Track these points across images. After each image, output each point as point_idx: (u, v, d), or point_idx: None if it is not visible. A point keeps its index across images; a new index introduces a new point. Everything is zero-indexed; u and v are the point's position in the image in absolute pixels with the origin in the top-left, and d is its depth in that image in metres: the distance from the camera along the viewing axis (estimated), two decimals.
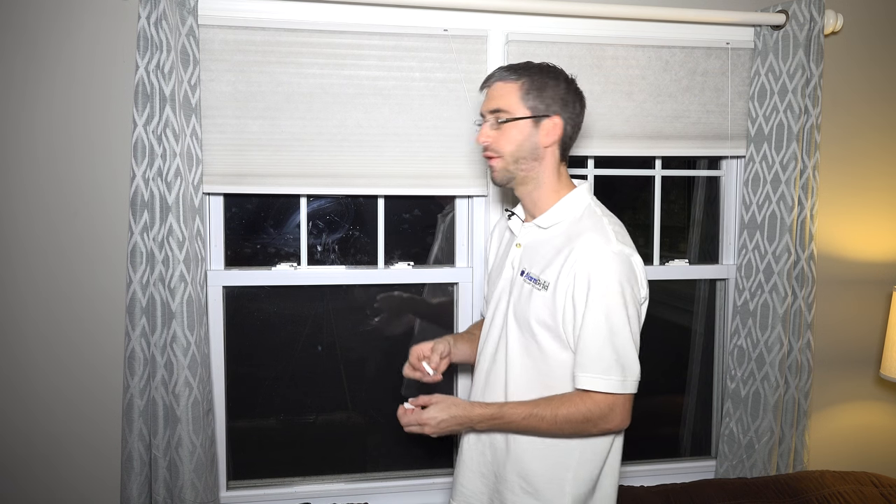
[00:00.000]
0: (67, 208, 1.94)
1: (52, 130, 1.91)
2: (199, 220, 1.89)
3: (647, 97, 2.15)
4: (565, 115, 1.48)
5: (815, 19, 2.09)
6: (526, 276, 1.50)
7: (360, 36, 1.99)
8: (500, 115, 1.48)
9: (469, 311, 2.21)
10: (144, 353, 1.89)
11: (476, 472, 1.60)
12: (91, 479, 2.02)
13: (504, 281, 1.58)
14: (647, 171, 2.34)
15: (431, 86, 2.04)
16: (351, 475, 2.26)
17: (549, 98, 1.47)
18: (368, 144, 2.02)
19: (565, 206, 1.51)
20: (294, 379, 2.25)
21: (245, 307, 2.19)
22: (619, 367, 1.39)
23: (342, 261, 2.25)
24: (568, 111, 1.49)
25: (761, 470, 2.21)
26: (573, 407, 1.40)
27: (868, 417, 2.47)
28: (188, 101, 1.85)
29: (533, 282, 1.48)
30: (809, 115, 2.15)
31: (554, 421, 1.41)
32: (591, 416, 1.40)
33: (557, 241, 1.48)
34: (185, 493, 1.89)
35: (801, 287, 2.21)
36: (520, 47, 2.06)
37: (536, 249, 1.52)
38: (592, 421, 1.41)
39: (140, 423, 1.90)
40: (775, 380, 2.17)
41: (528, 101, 1.47)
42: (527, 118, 1.47)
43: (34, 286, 1.94)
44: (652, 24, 2.14)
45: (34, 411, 1.98)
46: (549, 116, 1.47)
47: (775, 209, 2.15)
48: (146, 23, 1.80)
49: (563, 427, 1.42)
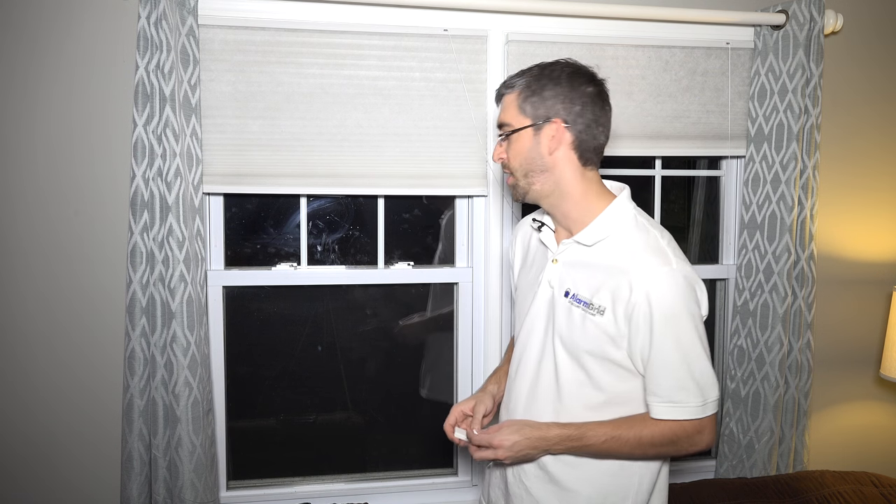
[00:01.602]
0: (67, 208, 1.94)
1: (52, 130, 1.91)
2: (199, 220, 1.89)
3: (647, 97, 2.15)
4: (570, 117, 1.34)
5: (815, 19, 2.09)
6: (573, 298, 1.37)
7: (360, 36, 1.99)
8: (505, 128, 1.39)
9: (469, 311, 2.21)
10: (144, 353, 1.89)
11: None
12: (91, 479, 2.02)
13: (541, 300, 1.43)
14: (647, 171, 2.34)
15: (431, 86, 2.04)
16: (351, 475, 2.26)
17: (550, 101, 1.34)
18: (368, 144, 2.02)
19: (610, 220, 1.36)
20: (294, 379, 2.25)
21: (245, 307, 2.19)
22: (697, 392, 1.31)
23: (342, 261, 2.25)
24: (574, 112, 1.34)
25: (761, 470, 2.21)
26: (657, 429, 1.32)
27: (868, 417, 2.47)
28: (188, 101, 1.85)
29: (584, 305, 1.35)
30: (809, 115, 2.15)
31: (638, 443, 1.32)
32: (678, 438, 1.32)
33: (608, 260, 1.35)
34: (185, 493, 1.89)
35: (801, 287, 2.21)
36: (520, 47, 2.06)
37: (582, 269, 1.38)
38: (678, 443, 1.33)
39: (140, 423, 1.90)
40: (775, 380, 2.17)
41: (526, 109, 1.36)
42: (526, 127, 1.36)
43: (34, 286, 1.94)
44: (652, 24, 2.14)
45: (34, 411, 1.98)
46: (550, 121, 1.34)
47: (775, 209, 2.15)
48: (146, 23, 1.80)
49: (647, 450, 1.33)
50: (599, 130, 1.37)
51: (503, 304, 2.19)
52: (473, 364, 2.22)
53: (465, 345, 2.22)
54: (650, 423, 1.32)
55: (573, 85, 1.35)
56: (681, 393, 1.30)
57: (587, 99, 1.35)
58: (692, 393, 1.31)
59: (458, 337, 2.23)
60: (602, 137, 1.38)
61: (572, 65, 1.38)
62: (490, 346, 2.19)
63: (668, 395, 1.31)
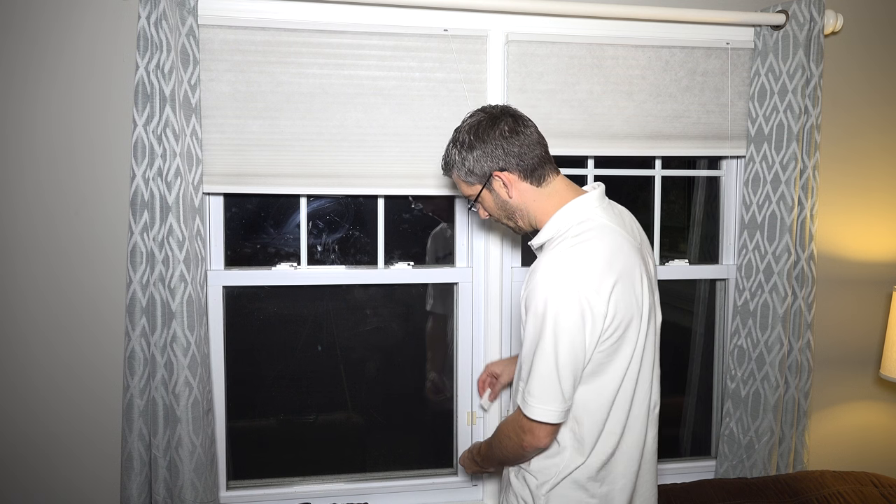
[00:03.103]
0: (67, 208, 1.94)
1: (52, 130, 1.91)
2: (199, 220, 1.89)
3: (647, 97, 2.15)
4: (502, 163, 1.44)
5: (815, 19, 2.09)
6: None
7: (360, 36, 1.99)
8: (469, 199, 1.55)
9: (469, 311, 2.21)
10: (144, 352, 1.89)
11: None
12: (91, 479, 2.02)
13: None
14: (647, 171, 2.34)
15: (431, 86, 2.04)
16: (351, 475, 2.26)
17: (479, 164, 1.46)
18: (368, 144, 2.02)
19: (553, 224, 1.45)
20: (294, 379, 2.25)
21: (245, 307, 2.19)
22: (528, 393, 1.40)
23: (342, 261, 2.25)
24: (501, 158, 1.44)
25: (761, 470, 2.21)
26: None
27: (868, 417, 2.47)
28: (188, 101, 1.85)
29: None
30: (809, 115, 2.15)
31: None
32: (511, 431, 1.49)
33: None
34: (185, 492, 1.89)
35: (801, 287, 2.21)
36: (520, 47, 2.06)
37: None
38: (511, 437, 1.49)
39: (140, 422, 1.90)
40: (775, 380, 2.17)
41: (470, 180, 1.50)
42: (481, 191, 1.50)
43: (34, 286, 1.94)
44: (652, 24, 2.14)
45: (35, 411, 1.98)
46: (491, 177, 1.46)
47: (775, 209, 2.15)
48: (146, 23, 1.80)
49: (502, 440, 1.55)
50: (531, 148, 1.46)
51: (503, 304, 2.19)
52: (473, 364, 2.22)
53: (465, 345, 2.22)
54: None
55: (484, 139, 1.45)
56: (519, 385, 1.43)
57: (502, 140, 1.44)
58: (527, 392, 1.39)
59: (458, 337, 2.23)
60: (538, 150, 1.47)
61: (473, 122, 1.48)
62: (490, 346, 2.19)
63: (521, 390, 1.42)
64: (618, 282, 1.35)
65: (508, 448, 1.48)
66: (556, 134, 2.09)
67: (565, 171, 2.25)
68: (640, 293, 1.40)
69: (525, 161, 1.45)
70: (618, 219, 1.47)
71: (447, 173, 1.55)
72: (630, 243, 1.42)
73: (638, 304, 1.39)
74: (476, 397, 2.21)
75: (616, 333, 1.36)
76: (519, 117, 1.48)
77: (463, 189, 1.54)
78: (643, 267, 1.43)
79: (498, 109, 1.49)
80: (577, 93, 2.10)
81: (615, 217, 1.47)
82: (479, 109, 1.51)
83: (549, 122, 2.08)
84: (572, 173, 2.27)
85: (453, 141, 1.51)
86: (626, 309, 1.36)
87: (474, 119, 1.49)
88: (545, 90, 2.08)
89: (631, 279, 1.38)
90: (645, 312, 1.42)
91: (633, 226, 1.53)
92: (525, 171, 1.46)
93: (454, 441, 2.26)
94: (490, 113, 1.48)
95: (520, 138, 1.45)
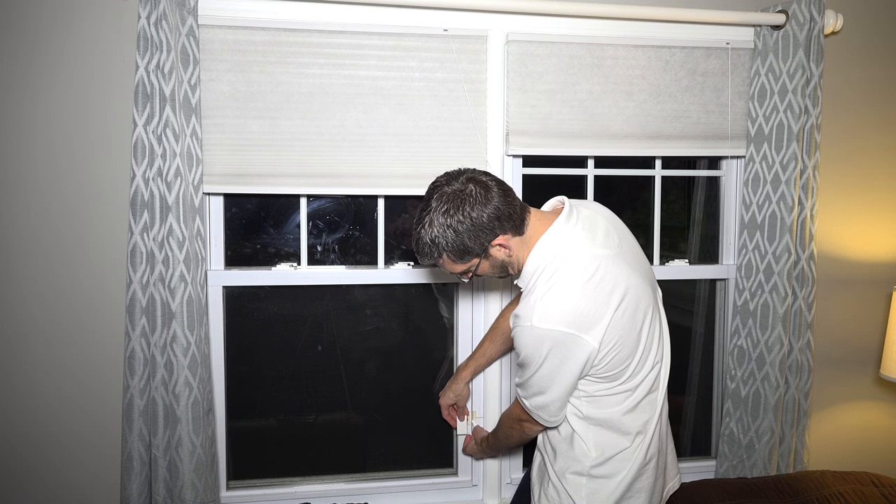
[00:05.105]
0: (67, 208, 1.94)
1: (52, 130, 1.91)
2: (199, 220, 1.89)
3: (647, 97, 2.15)
4: (495, 231, 1.44)
5: (815, 19, 2.09)
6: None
7: (360, 36, 1.99)
8: (466, 274, 1.52)
9: (469, 311, 2.21)
10: (144, 353, 1.89)
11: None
12: (91, 479, 2.02)
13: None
14: (647, 171, 2.34)
15: (431, 86, 2.04)
16: (351, 475, 2.26)
17: (473, 243, 1.43)
18: (368, 144, 2.02)
19: (529, 266, 1.49)
20: (294, 379, 2.25)
21: (245, 307, 2.19)
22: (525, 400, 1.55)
23: (342, 261, 2.25)
24: (490, 227, 1.43)
25: (761, 470, 2.21)
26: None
27: (868, 417, 2.47)
28: (188, 101, 1.85)
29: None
30: (809, 115, 2.15)
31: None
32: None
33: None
34: (185, 492, 1.89)
35: (801, 287, 2.21)
36: (520, 47, 2.06)
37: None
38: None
39: (140, 422, 1.90)
40: (775, 380, 2.17)
41: (465, 258, 1.46)
42: (479, 263, 1.49)
43: (35, 286, 1.94)
44: (652, 24, 2.14)
45: (35, 411, 1.98)
46: (488, 248, 1.46)
47: (775, 209, 2.15)
48: (146, 23, 1.80)
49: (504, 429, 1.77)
50: (508, 201, 1.45)
51: (503, 304, 2.19)
52: None
53: (465, 345, 2.22)
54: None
55: (469, 213, 1.41)
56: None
57: (482, 208, 1.41)
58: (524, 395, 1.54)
59: (458, 337, 2.23)
60: (511, 198, 1.46)
61: (442, 202, 1.42)
62: None
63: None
64: (599, 306, 1.40)
65: (513, 437, 1.69)
66: (556, 134, 2.09)
67: (565, 171, 2.27)
68: (625, 291, 1.43)
69: (511, 217, 1.45)
70: (589, 231, 1.47)
71: (429, 262, 1.49)
72: (605, 255, 1.44)
73: (631, 315, 1.46)
74: (476, 397, 2.21)
75: (615, 350, 1.45)
76: (481, 184, 1.43)
77: (452, 268, 1.50)
78: (626, 265, 1.46)
79: (460, 186, 1.43)
80: (577, 93, 2.10)
81: (586, 230, 1.47)
82: (431, 188, 1.46)
83: (549, 122, 2.08)
84: (572, 173, 2.28)
85: (428, 226, 1.43)
86: (618, 330, 1.43)
87: (440, 200, 1.43)
88: (545, 90, 2.08)
89: (612, 290, 1.42)
90: (641, 305, 1.47)
91: (610, 228, 1.52)
92: (513, 225, 1.46)
93: (454, 441, 2.26)
94: (457, 195, 1.42)
95: (493, 200, 1.42)
